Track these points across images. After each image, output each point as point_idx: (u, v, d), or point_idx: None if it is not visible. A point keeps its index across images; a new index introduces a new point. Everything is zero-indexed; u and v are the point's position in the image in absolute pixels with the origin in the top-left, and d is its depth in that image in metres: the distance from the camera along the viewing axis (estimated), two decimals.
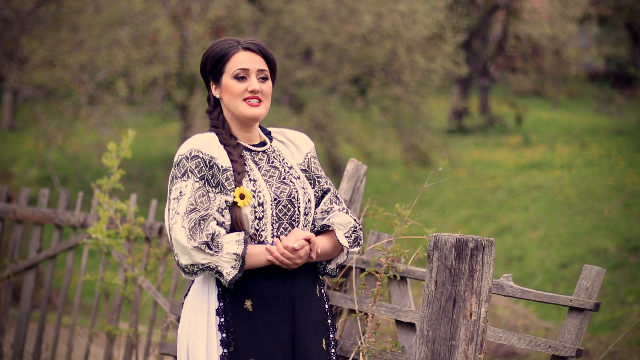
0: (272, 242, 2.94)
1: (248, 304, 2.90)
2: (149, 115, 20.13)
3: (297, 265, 2.92)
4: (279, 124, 14.50)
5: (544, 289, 10.99)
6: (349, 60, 15.47)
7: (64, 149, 15.25)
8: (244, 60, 2.98)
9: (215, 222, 2.85)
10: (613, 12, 22.12)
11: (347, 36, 15.13)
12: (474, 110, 22.96)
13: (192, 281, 3.01)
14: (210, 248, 2.81)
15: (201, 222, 2.82)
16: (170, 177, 2.94)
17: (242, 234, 2.86)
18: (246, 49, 3.00)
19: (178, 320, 4.29)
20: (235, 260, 2.83)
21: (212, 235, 2.81)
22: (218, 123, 3.02)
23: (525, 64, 25.39)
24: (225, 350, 2.88)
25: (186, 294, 3.02)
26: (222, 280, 2.86)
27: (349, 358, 3.60)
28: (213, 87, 3.03)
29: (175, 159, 2.93)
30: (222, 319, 2.89)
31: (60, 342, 6.16)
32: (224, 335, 2.88)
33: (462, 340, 2.77)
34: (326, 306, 3.09)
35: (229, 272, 2.83)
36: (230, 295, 2.90)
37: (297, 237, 2.91)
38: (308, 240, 2.93)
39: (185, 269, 2.84)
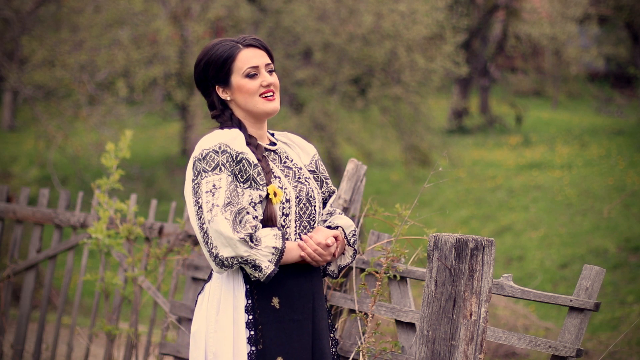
0: (301, 239, 2.96)
1: (275, 301, 2.90)
2: (149, 115, 20.14)
3: (326, 262, 2.95)
4: (279, 124, 14.50)
5: (544, 289, 10.99)
6: (349, 60, 15.47)
7: (64, 149, 15.25)
8: (250, 57, 2.97)
9: (250, 216, 2.83)
10: (613, 12, 22.12)
11: (347, 36, 15.13)
12: (474, 110, 22.97)
13: (209, 278, 2.98)
14: (252, 241, 2.80)
15: (238, 215, 2.80)
16: (193, 171, 2.86)
17: (275, 229, 2.86)
18: (249, 45, 2.98)
19: (178, 320, 4.28)
20: (273, 254, 2.82)
21: (255, 228, 2.80)
22: (232, 124, 2.98)
23: (525, 64, 25.40)
24: (254, 348, 2.86)
25: (200, 291, 2.99)
26: (258, 275, 2.81)
27: (349, 358, 3.60)
28: (220, 91, 3.00)
29: (198, 153, 2.87)
30: (251, 317, 2.87)
31: (60, 342, 6.17)
32: (252, 332, 2.86)
33: (462, 340, 2.77)
34: (327, 306, 3.14)
35: (267, 265, 2.81)
36: (258, 293, 2.89)
37: (326, 235, 2.94)
38: (336, 238, 2.97)
39: (225, 262, 2.79)
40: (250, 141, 2.97)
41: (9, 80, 13.25)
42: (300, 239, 2.95)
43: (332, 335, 3.10)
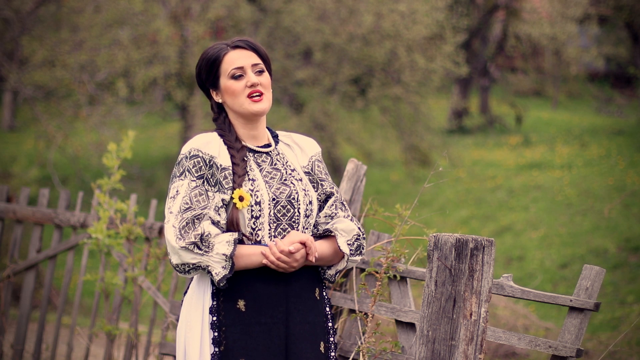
0: (269, 243, 2.93)
1: (241, 303, 2.90)
2: (149, 115, 20.14)
3: (293, 268, 2.91)
4: (279, 124, 14.50)
5: (544, 289, 10.99)
6: (349, 60, 15.47)
7: (64, 149, 15.25)
8: (236, 58, 2.99)
9: (209, 222, 2.85)
10: (613, 12, 22.12)
11: (347, 36, 15.13)
12: (474, 110, 22.97)
13: (191, 279, 3.01)
14: (199, 248, 2.82)
15: (195, 221, 2.83)
16: (171, 176, 2.96)
17: (234, 234, 2.86)
18: (235, 47, 3.01)
19: (178, 320, 4.29)
20: (225, 260, 2.83)
21: (202, 236, 2.82)
22: (225, 127, 3.03)
23: (525, 64, 25.40)
24: (217, 349, 2.88)
25: (185, 292, 3.03)
26: (213, 280, 2.86)
27: (349, 358, 3.60)
28: (213, 94, 3.04)
29: (178, 157, 2.96)
30: (215, 318, 2.89)
31: (60, 342, 6.17)
32: (216, 333, 2.89)
33: (462, 340, 2.77)
34: (327, 309, 3.07)
35: (219, 272, 2.83)
36: (224, 295, 2.90)
37: (292, 240, 2.90)
38: (304, 244, 2.91)
39: (177, 268, 2.87)
40: (234, 145, 2.98)
41: (9, 80, 13.25)
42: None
43: (331, 339, 3.07)
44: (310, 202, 3.02)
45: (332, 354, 3.05)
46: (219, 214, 2.88)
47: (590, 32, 24.35)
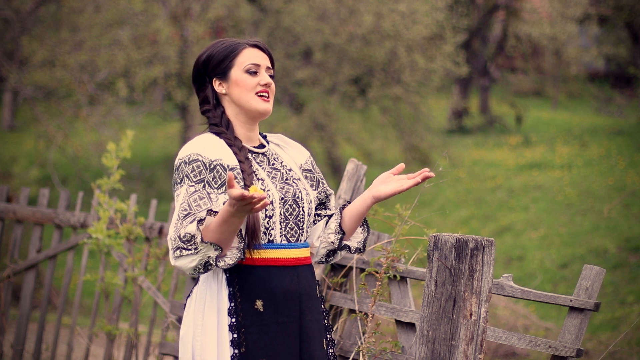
0: (287, 240, 2.93)
1: (259, 304, 2.89)
2: (149, 115, 20.14)
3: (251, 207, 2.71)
4: (279, 124, 14.51)
5: (544, 289, 10.99)
6: (349, 60, 15.48)
7: (64, 149, 15.25)
8: (255, 55, 2.99)
9: (195, 224, 2.78)
10: (613, 12, 22.12)
11: (347, 36, 15.14)
12: (474, 110, 22.97)
13: (196, 281, 3.00)
14: (187, 249, 2.77)
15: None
16: (172, 183, 2.93)
17: (200, 215, 2.78)
18: (254, 46, 3.01)
19: (178, 320, 4.29)
20: (209, 244, 2.78)
21: (180, 238, 2.76)
22: (221, 122, 2.99)
23: (525, 64, 25.41)
24: (237, 351, 2.86)
25: (189, 295, 3.01)
26: (220, 265, 2.80)
27: (349, 358, 3.60)
28: (216, 84, 3.00)
29: (175, 163, 2.91)
30: (234, 319, 2.87)
31: (60, 342, 6.17)
32: (235, 335, 2.86)
33: (462, 340, 2.77)
34: (323, 306, 3.10)
35: (212, 256, 2.77)
36: (242, 296, 2.89)
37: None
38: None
39: (192, 273, 2.82)
40: (235, 143, 2.96)
41: (9, 80, 13.25)
42: (287, 240, 2.94)
43: (329, 336, 3.08)
44: (311, 201, 3.03)
45: (331, 350, 3.07)
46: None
47: (590, 32, 24.34)
